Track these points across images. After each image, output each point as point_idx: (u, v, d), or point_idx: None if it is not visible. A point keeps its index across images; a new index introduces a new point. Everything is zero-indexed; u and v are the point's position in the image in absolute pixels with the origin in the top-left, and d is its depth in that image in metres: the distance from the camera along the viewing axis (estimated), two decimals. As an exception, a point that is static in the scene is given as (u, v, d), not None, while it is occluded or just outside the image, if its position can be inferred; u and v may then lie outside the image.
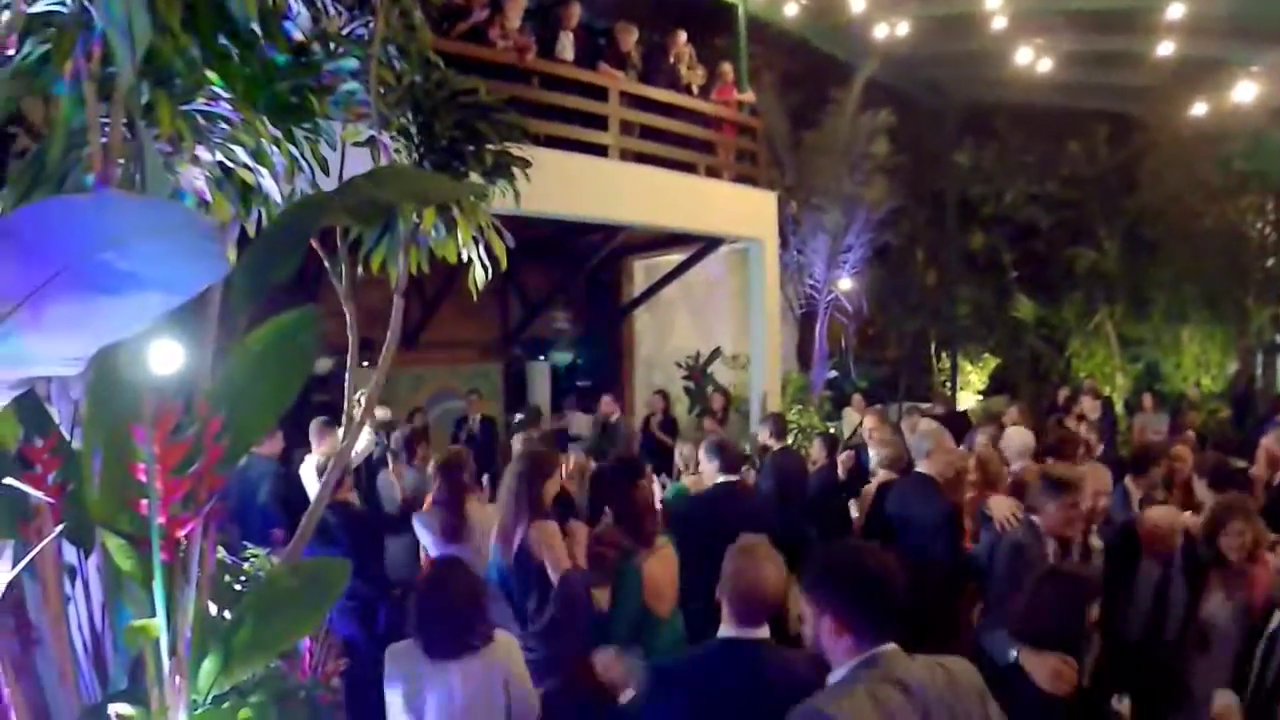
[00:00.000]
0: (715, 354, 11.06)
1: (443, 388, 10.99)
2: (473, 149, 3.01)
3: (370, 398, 2.84)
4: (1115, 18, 10.75)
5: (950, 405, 12.84)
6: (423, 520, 4.37)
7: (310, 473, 5.09)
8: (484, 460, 7.46)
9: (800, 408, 11.08)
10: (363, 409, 2.84)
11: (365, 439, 4.87)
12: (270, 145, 2.21)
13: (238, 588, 2.10)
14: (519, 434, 6.95)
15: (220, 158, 2.18)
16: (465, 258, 2.99)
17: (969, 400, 14.66)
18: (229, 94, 2.04)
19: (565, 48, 8.67)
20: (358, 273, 2.92)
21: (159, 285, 1.19)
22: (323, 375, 7.37)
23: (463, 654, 2.83)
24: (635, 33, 9.27)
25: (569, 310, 12.13)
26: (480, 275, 3.08)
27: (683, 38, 9.78)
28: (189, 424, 1.52)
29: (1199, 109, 11.74)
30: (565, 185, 7.59)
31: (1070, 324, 14.33)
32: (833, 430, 10.11)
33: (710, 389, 10.62)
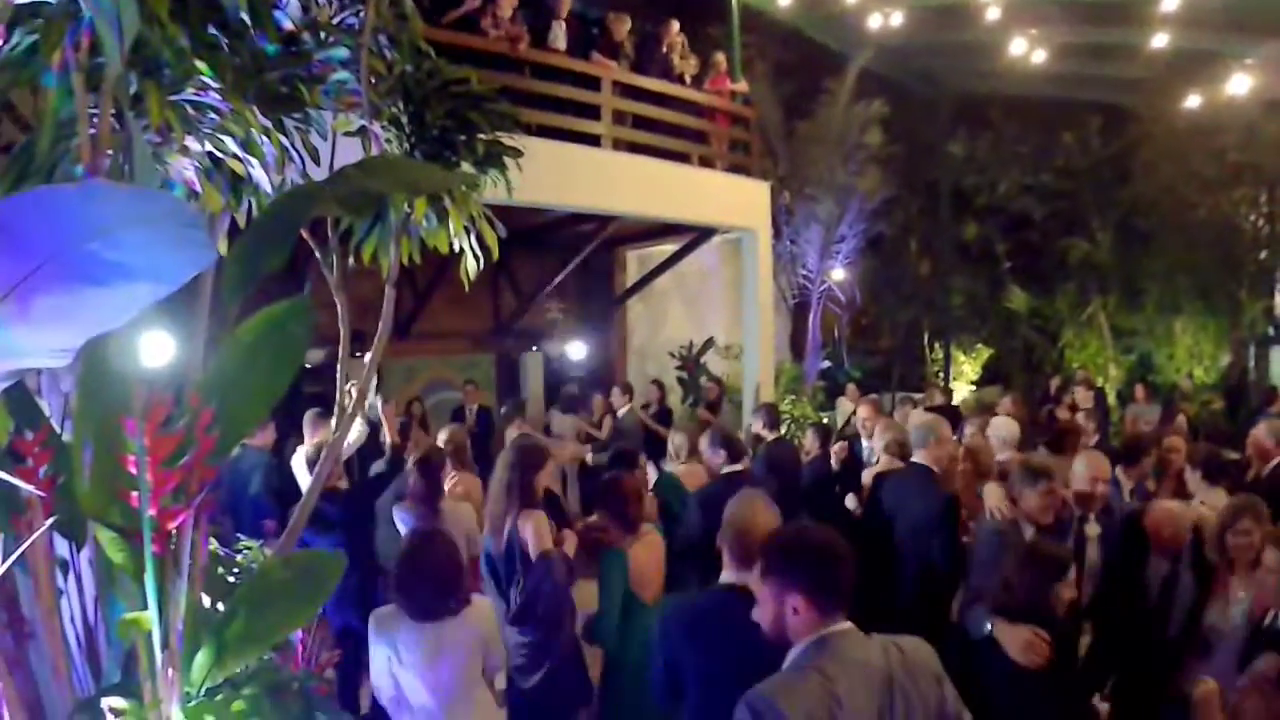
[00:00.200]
0: (708, 344, 11.06)
1: (436, 378, 10.98)
2: (464, 139, 2.99)
3: (361, 389, 2.84)
4: (1109, 9, 10.77)
5: (948, 395, 12.86)
6: (401, 514, 4.56)
7: (302, 464, 5.10)
8: (482, 450, 7.47)
9: (793, 398, 11.11)
10: (353, 400, 2.84)
11: (357, 430, 4.91)
12: (260, 135, 2.19)
13: (230, 580, 2.09)
14: (509, 425, 6.99)
15: (210, 148, 2.17)
16: (457, 248, 2.98)
17: (962, 391, 14.69)
18: (218, 84, 2.03)
19: (558, 37, 8.64)
20: (349, 263, 2.91)
21: (147, 275, 1.18)
22: (314, 366, 7.36)
23: (443, 616, 3.02)
24: (628, 22, 9.25)
25: (562, 301, 12.12)
26: (472, 265, 3.07)
27: (675, 27, 9.76)
28: (180, 416, 1.51)
29: (1193, 101, 11.76)
30: (558, 175, 7.58)
31: (1063, 315, 14.38)
32: (826, 420, 10.12)
33: (704, 379, 10.63)
